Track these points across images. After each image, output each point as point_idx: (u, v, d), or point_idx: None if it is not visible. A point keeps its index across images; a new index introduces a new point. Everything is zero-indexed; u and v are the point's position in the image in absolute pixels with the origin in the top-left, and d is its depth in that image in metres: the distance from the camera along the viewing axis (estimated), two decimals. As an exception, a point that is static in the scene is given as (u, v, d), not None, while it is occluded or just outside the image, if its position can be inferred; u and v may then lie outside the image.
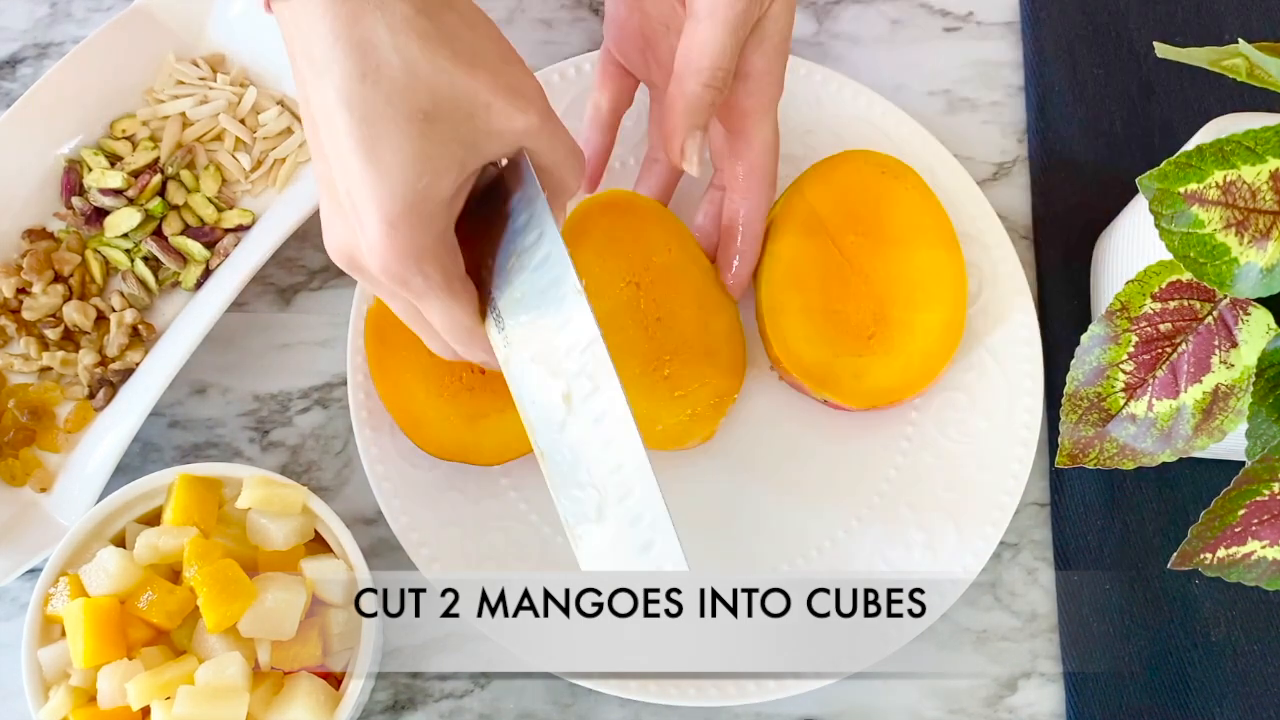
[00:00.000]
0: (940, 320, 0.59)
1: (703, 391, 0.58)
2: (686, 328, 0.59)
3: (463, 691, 0.58)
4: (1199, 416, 0.46)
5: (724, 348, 0.59)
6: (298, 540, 0.53)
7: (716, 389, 0.59)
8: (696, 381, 0.58)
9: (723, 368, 0.59)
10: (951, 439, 0.60)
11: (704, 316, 0.59)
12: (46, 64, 0.67)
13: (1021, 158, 0.66)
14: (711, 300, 0.59)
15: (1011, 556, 0.60)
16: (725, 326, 0.60)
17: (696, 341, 0.59)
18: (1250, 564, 0.44)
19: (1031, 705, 0.58)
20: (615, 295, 0.59)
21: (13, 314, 0.62)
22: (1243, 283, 0.44)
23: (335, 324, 0.63)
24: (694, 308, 0.59)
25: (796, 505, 0.59)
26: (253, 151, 0.64)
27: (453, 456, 0.57)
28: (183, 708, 0.49)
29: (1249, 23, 0.67)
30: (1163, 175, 0.44)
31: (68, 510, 0.58)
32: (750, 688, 0.56)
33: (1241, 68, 0.45)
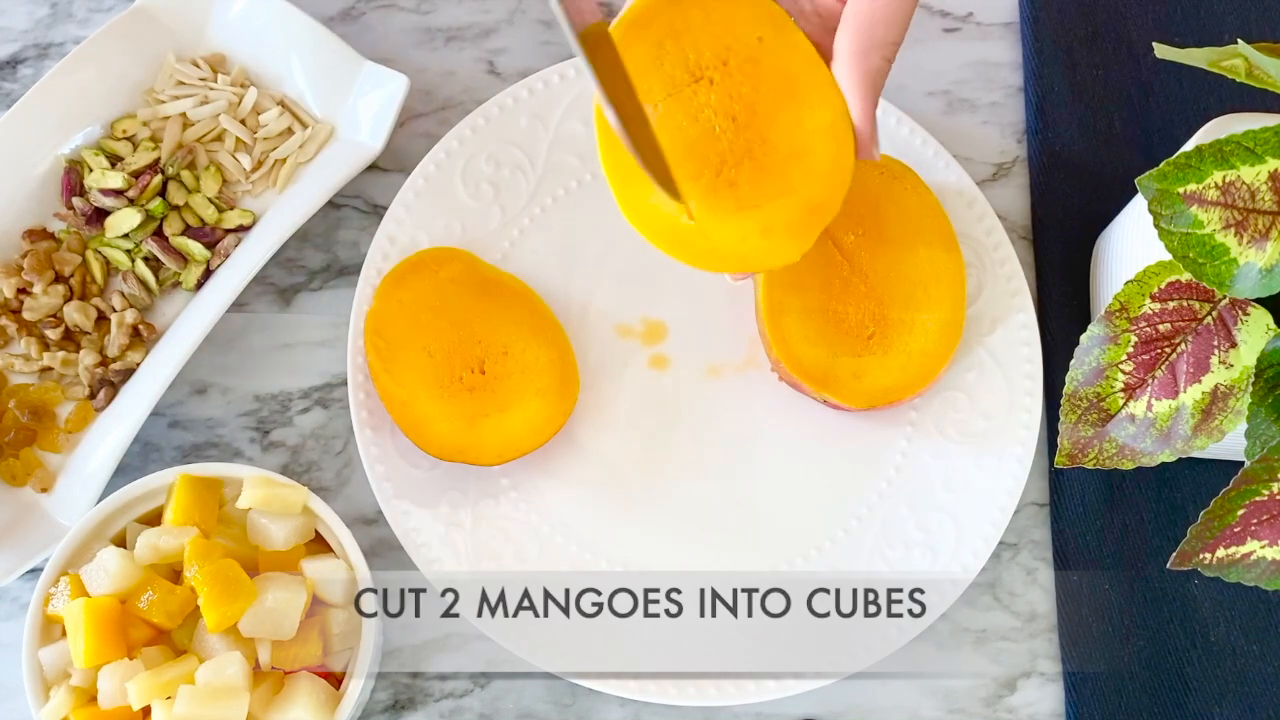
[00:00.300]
0: (940, 320, 0.59)
1: (783, 203, 0.49)
2: (769, 127, 0.49)
3: (463, 691, 0.58)
4: (1198, 417, 0.47)
5: (820, 148, 0.49)
6: (298, 540, 0.53)
7: (805, 199, 0.48)
8: (774, 189, 0.49)
9: (816, 172, 0.49)
10: (951, 439, 0.60)
11: (796, 113, 0.49)
12: (47, 64, 0.67)
13: (1021, 158, 0.66)
14: (810, 94, 0.49)
15: (1011, 556, 0.60)
16: (824, 123, 0.49)
17: (780, 143, 0.49)
18: (1249, 564, 0.44)
19: (1031, 705, 0.58)
20: (673, 95, 0.49)
21: (13, 314, 0.62)
22: (1242, 283, 0.44)
23: (335, 324, 0.63)
24: (783, 104, 0.49)
25: (796, 505, 0.59)
26: (253, 152, 0.64)
27: (453, 457, 0.57)
28: (183, 707, 0.49)
29: (1248, 23, 0.67)
30: (1162, 175, 0.44)
31: (68, 510, 0.58)
32: (750, 688, 0.56)
33: (1240, 68, 0.45)
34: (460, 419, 0.58)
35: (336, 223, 0.65)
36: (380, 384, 0.58)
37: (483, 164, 0.63)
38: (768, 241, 0.49)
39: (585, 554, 0.59)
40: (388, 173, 0.65)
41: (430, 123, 0.66)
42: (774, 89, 0.49)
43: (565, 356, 0.60)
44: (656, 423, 0.61)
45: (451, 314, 0.60)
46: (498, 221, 0.63)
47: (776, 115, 0.49)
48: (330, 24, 0.65)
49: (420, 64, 0.67)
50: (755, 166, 0.49)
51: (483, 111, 0.63)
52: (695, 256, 0.49)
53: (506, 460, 0.58)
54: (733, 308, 0.62)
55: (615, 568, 0.58)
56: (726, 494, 0.60)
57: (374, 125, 0.62)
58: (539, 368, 0.59)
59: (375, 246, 0.61)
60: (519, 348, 0.59)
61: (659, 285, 0.62)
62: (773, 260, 0.49)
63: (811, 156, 0.49)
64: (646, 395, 0.61)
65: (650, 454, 0.60)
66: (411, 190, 0.62)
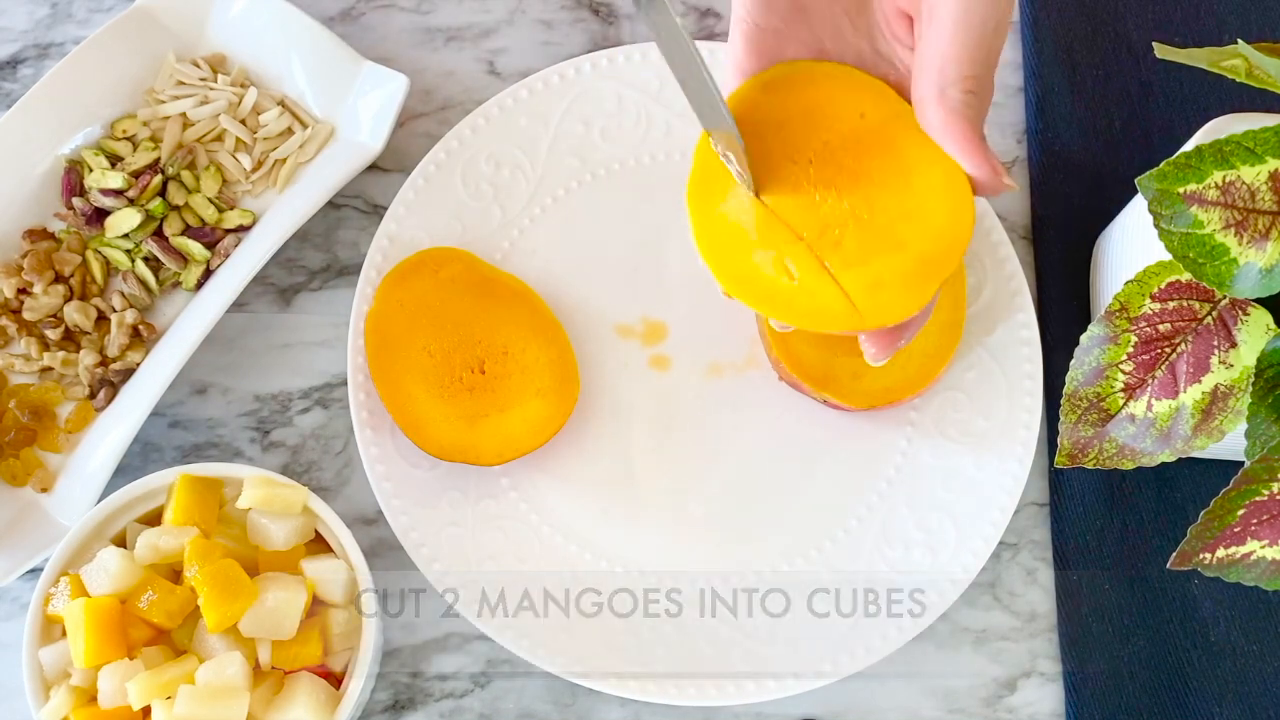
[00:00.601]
0: (940, 320, 0.59)
1: (894, 259, 0.47)
2: (876, 192, 0.48)
3: (463, 691, 0.58)
4: (1198, 417, 0.47)
5: (932, 205, 0.47)
6: (298, 540, 0.53)
7: (918, 253, 0.47)
8: (883, 247, 0.48)
9: (929, 228, 0.47)
10: (951, 439, 0.60)
11: (904, 177, 0.48)
12: (47, 64, 0.67)
13: (1021, 158, 0.66)
14: (916, 155, 0.48)
15: (1011, 556, 0.60)
16: (935, 181, 0.48)
17: (889, 205, 0.48)
18: (1249, 564, 0.44)
19: (1031, 705, 0.58)
20: (780, 179, 0.49)
21: (13, 314, 0.62)
22: (1242, 283, 0.44)
23: (335, 324, 0.63)
24: (889, 169, 0.48)
25: (796, 505, 0.59)
26: (253, 152, 0.64)
27: (453, 457, 0.57)
28: (183, 707, 0.49)
29: (1248, 23, 0.67)
30: (1162, 175, 0.44)
31: (68, 510, 0.58)
32: (750, 688, 0.56)
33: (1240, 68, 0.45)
34: (460, 419, 0.58)
35: (336, 223, 0.65)
36: (380, 384, 0.58)
37: (483, 164, 0.63)
38: (879, 296, 0.47)
39: (585, 554, 0.59)
40: (388, 173, 0.65)
41: (430, 123, 0.66)
42: (878, 157, 0.49)
43: (565, 356, 0.60)
44: (657, 423, 0.61)
45: (451, 314, 0.60)
46: (498, 221, 0.63)
47: (883, 181, 0.48)
48: (330, 24, 0.65)
49: (420, 64, 0.67)
50: (861, 227, 0.48)
51: (483, 111, 0.63)
52: (803, 317, 0.48)
53: (506, 460, 0.58)
54: (733, 308, 0.62)
55: (615, 568, 0.58)
56: (726, 494, 0.60)
57: (374, 125, 0.62)
58: (539, 368, 0.59)
59: (375, 246, 0.61)
60: (519, 348, 0.59)
61: (659, 285, 0.62)
62: (887, 315, 0.48)
63: (924, 214, 0.48)
64: (647, 395, 0.61)
65: (650, 454, 0.60)
66: (411, 190, 0.62)
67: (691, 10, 0.68)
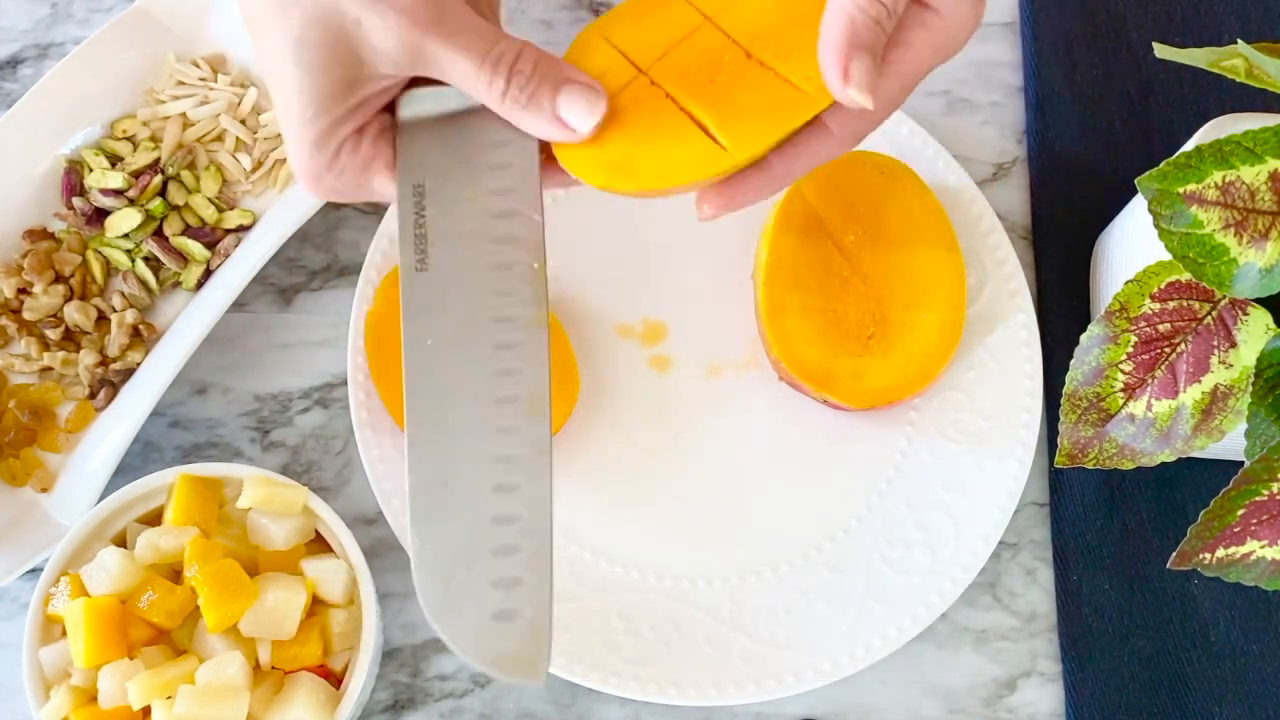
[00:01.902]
0: (940, 320, 0.59)
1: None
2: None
3: (463, 691, 0.58)
4: (1198, 416, 0.47)
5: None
6: (298, 540, 0.53)
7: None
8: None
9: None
10: (951, 439, 0.60)
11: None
12: (47, 64, 0.67)
13: (1021, 158, 0.66)
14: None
15: (1011, 556, 0.60)
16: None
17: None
18: (1249, 564, 0.44)
19: (1031, 705, 0.58)
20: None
21: (13, 314, 0.62)
22: (1242, 283, 0.44)
23: (335, 324, 0.63)
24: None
25: (797, 505, 0.59)
26: (253, 152, 0.64)
27: (453, 456, 0.57)
28: (183, 707, 0.49)
29: (1248, 23, 0.67)
30: (1162, 176, 0.44)
31: (68, 510, 0.58)
32: (750, 688, 0.56)
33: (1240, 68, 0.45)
34: (460, 419, 0.58)
35: (336, 223, 0.65)
36: (379, 384, 0.58)
37: (483, 164, 0.63)
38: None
39: (585, 554, 0.59)
40: (388, 173, 0.65)
41: (430, 123, 0.66)
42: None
43: (565, 356, 0.60)
44: (656, 423, 0.61)
45: (451, 314, 0.59)
46: (498, 221, 0.63)
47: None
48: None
49: (420, 64, 0.67)
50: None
51: (483, 111, 0.63)
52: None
53: (506, 460, 0.58)
54: (733, 308, 0.62)
55: (615, 568, 0.58)
56: (726, 494, 0.60)
57: (374, 125, 0.62)
58: (539, 368, 0.59)
59: (375, 246, 0.61)
60: (519, 348, 0.59)
61: (659, 285, 0.62)
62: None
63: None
64: (646, 395, 0.61)
65: (650, 454, 0.60)
66: (411, 190, 0.62)
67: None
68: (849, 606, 0.57)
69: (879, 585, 0.57)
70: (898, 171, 0.61)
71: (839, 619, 0.57)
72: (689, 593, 0.58)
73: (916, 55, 0.41)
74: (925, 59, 0.42)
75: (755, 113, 0.42)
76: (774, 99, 0.42)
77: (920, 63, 0.42)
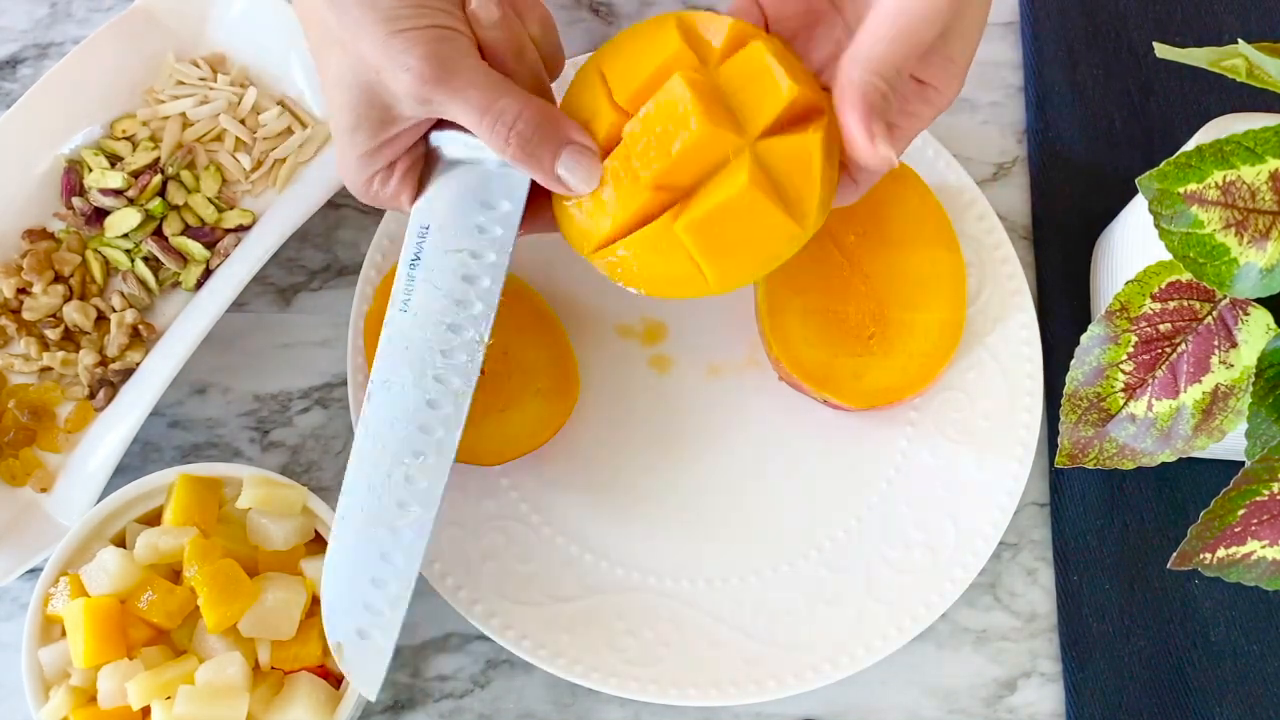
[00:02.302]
0: (940, 320, 0.59)
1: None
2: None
3: (462, 691, 0.58)
4: (1198, 416, 0.47)
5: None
6: (298, 540, 0.53)
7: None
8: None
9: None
10: (951, 439, 0.60)
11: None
12: (46, 64, 0.67)
13: (1021, 158, 0.66)
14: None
15: (1011, 556, 0.60)
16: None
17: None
18: (1250, 564, 0.44)
19: (1031, 705, 0.58)
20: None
21: (13, 314, 0.62)
22: (1242, 283, 0.44)
23: (335, 324, 0.63)
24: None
25: (797, 505, 0.59)
26: (253, 152, 0.64)
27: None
28: (183, 707, 0.49)
29: (1248, 23, 0.67)
30: (1162, 175, 0.44)
31: (68, 510, 0.58)
32: (750, 688, 0.56)
33: (1241, 68, 0.45)
34: (460, 419, 0.58)
35: (336, 223, 0.65)
36: (380, 384, 0.58)
37: (483, 164, 0.63)
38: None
39: (585, 554, 0.59)
40: (388, 173, 0.65)
41: (430, 123, 0.66)
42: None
43: (565, 356, 0.60)
44: (656, 423, 0.61)
45: (451, 314, 0.60)
46: (498, 221, 0.63)
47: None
48: (330, 24, 0.65)
49: (420, 64, 0.67)
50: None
51: (483, 111, 0.63)
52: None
53: (506, 460, 0.58)
54: (733, 308, 0.62)
55: (615, 568, 0.58)
56: (726, 494, 0.60)
57: (374, 125, 0.62)
58: (539, 367, 0.59)
59: (375, 246, 0.61)
60: (519, 347, 0.59)
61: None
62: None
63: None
64: (647, 395, 0.61)
65: (650, 454, 0.60)
66: (411, 190, 0.62)
67: (690, 10, 0.68)
68: (849, 606, 0.57)
69: (879, 585, 0.57)
70: (898, 171, 0.61)
71: (839, 619, 0.57)
72: (689, 593, 0.58)
73: (919, 122, 0.48)
74: (925, 123, 0.48)
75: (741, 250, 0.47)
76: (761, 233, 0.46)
77: (921, 124, 0.48)
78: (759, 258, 0.47)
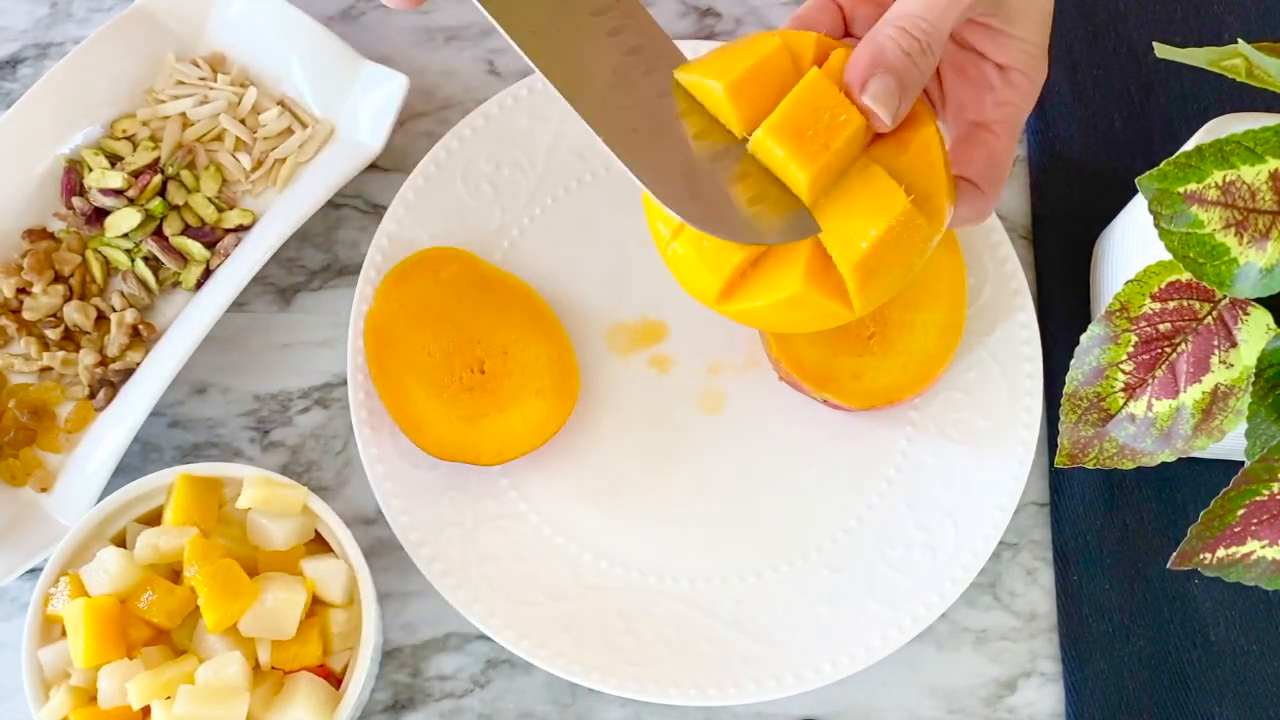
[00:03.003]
0: (940, 320, 0.59)
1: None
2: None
3: (463, 691, 0.58)
4: (1198, 416, 0.46)
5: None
6: (298, 540, 0.53)
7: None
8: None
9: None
10: (951, 439, 0.60)
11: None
12: (47, 64, 0.67)
13: (1021, 158, 0.66)
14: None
15: (1011, 556, 0.60)
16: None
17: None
18: (1250, 564, 0.44)
19: (1031, 705, 0.58)
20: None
21: (13, 314, 0.62)
22: (1242, 283, 0.44)
23: (335, 324, 0.63)
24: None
25: (796, 505, 0.59)
26: (253, 152, 0.64)
27: (452, 456, 0.57)
28: (183, 707, 0.49)
29: (1248, 23, 0.67)
30: (1162, 175, 0.44)
31: (68, 510, 0.58)
32: (750, 688, 0.56)
33: (1241, 68, 0.45)
34: (459, 419, 0.58)
35: (336, 223, 0.65)
36: (380, 384, 0.58)
37: (483, 164, 0.63)
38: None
39: (585, 554, 0.59)
40: (388, 172, 0.65)
41: (430, 123, 0.66)
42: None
43: (565, 356, 0.60)
44: (656, 422, 0.61)
45: (451, 314, 0.60)
46: (498, 221, 0.63)
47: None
48: (330, 24, 0.65)
49: (420, 64, 0.67)
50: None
51: (483, 111, 0.63)
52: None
53: (506, 460, 0.58)
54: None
55: (615, 568, 0.58)
56: (726, 494, 0.60)
57: (374, 125, 0.62)
58: (539, 368, 0.59)
59: (375, 246, 0.61)
60: (519, 347, 0.59)
61: (659, 285, 0.62)
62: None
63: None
64: (646, 395, 0.61)
65: (650, 454, 0.60)
66: (411, 190, 0.62)
67: (691, 10, 0.68)
68: (849, 606, 0.57)
69: (879, 585, 0.57)
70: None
71: (839, 619, 0.57)
72: (689, 593, 0.58)
73: (1013, 110, 0.48)
74: (1022, 110, 0.48)
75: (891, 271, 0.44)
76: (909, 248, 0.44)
77: (1020, 113, 0.48)
78: (904, 274, 0.45)
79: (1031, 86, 0.48)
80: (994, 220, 0.62)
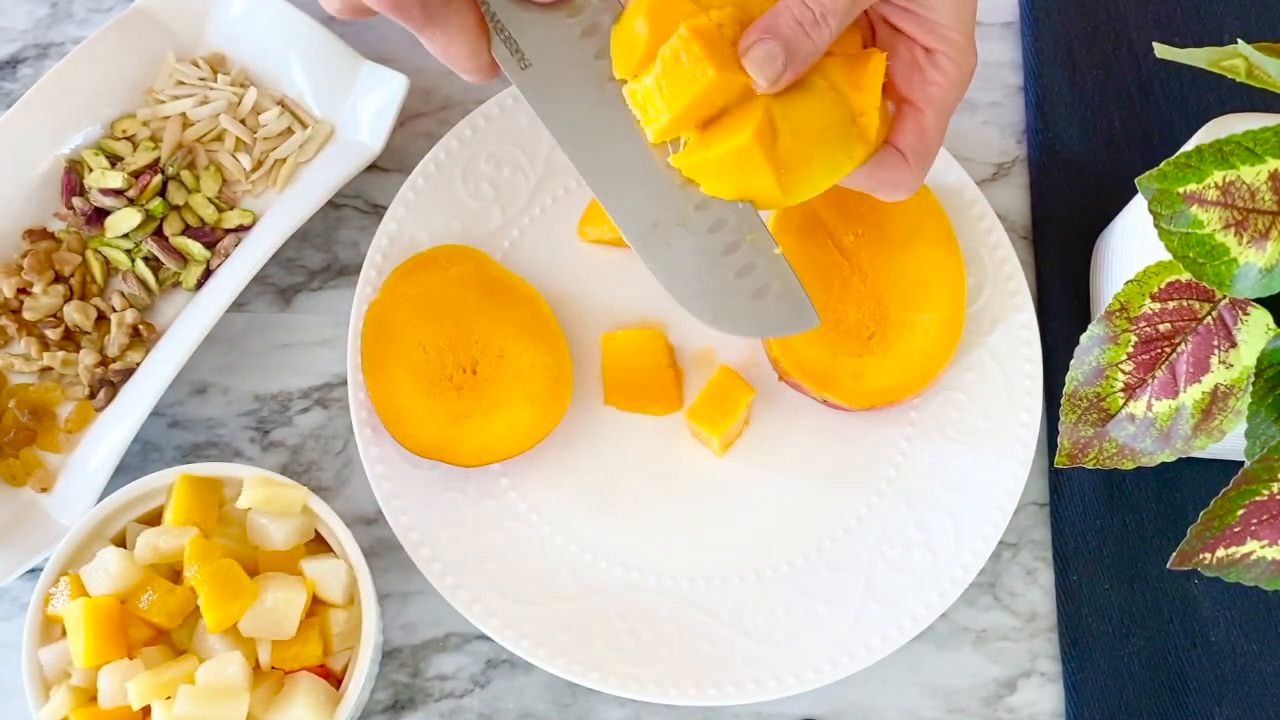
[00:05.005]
0: (940, 320, 0.59)
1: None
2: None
3: (462, 691, 0.58)
4: (1198, 416, 0.47)
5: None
6: (298, 540, 0.53)
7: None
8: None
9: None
10: (951, 439, 0.60)
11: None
12: (47, 64, 0.67)
13: (1020, 158, 0.66)
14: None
15: (1011, 556, 0.60)
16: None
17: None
18: (1249, 564, 0.44)
19: (1031, 705, 0.58)
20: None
21: (13, 314, 0.62)
22: (1242, 283, 0.44)
23: (335, 324, 0.63)
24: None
25: (796, 505, 0.59)
26: (253, 152, 0.64)
27: (430, 454, 0.57)
28: (183, 707, 0.49)
29: (1248, 23, 0.67)
30: (1162, 175, 0.44)
31: (68, 510, 0.58)
32: (750, 688, 0.56)
33: (1240, 68, 0.45)
34: (441, 417, 0.58)
35: (336, 223, 0.65)
36: (369, 374, 0.58)
37: (483, 164, 0.63)
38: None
39: (585, 554, 0.59)
40: (388, 173, 0.65)
41: (430, 123, 0.66)
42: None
43: (561, 364, 0.60)
44: (656, 422, 0.61)
45: (453, 311, 0.60)
46: (498, 221, 0.63)
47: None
48: (330, 24, 0.65)
49: (420, 64, 0.66)
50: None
51: (483, 111, 0.63)
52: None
53: (485, 463, 0.58)
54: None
55: (615, 568, 0.58)
56: (727, 493, 0.60)
57: (374, 125, 0.62)
58: (533, 373, 0.59)
59: (375, 246, 0.61)
60: (515, 352, 0.59)
61: (659, 286, 0.62)
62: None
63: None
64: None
65: (650, 454, 0.60)
66: (411, 190, 0.62)
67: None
68: (849, 606, 0.57)
69: (879, 585, 0.57)
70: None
71: (839, 619, 0.57)
72: (689, 593, 0.58)
73: (941, 92, 0.49)
74: (949, 93, 0.49)
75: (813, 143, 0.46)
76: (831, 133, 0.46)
77: (946, 95, 0.49)
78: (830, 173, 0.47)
79: (957, 70, 0.49)
80: (994, 220, 0.62)
